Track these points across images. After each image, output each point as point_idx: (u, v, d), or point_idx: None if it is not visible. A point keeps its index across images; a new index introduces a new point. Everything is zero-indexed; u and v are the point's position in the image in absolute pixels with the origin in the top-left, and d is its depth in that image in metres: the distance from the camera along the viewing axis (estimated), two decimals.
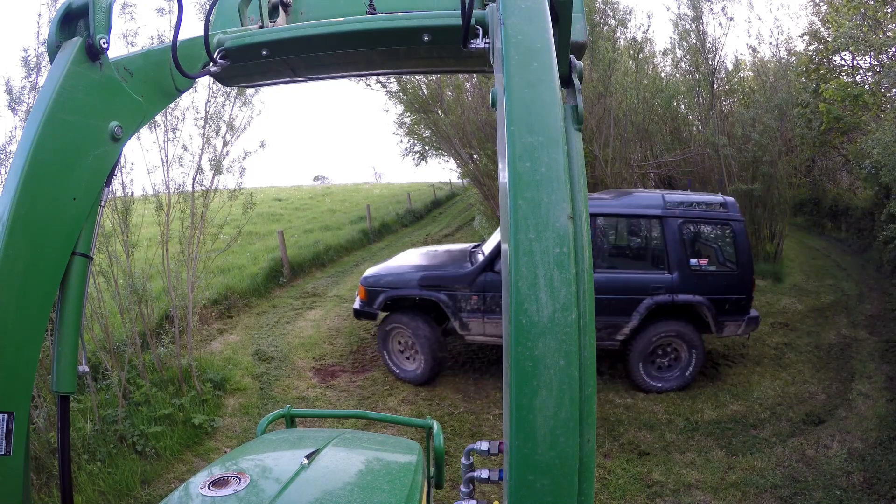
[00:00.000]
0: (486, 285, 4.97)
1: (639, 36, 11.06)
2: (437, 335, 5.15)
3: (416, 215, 17.98)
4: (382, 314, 5.37)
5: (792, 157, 10.79)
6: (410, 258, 5.97)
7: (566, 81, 1.07)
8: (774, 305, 7.62)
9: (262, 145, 5.21)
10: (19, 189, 1.12)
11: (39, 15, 3.68)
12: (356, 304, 5.49)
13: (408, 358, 5.35)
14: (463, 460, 1.52)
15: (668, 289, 4.84)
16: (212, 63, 1.51)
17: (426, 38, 1.49)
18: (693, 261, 4.88)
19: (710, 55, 10.11)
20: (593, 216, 5.03)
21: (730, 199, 5.15)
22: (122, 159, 1.51)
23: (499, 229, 5.08)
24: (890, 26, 8.32)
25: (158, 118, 4.35)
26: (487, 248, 5.42)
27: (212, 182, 4.78)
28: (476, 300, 5.00)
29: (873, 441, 4.03)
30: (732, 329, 4.95)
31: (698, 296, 4.82)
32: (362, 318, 5.59)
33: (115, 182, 4.23)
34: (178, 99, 3.26)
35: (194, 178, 4.67)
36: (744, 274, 4.91)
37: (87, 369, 1.44)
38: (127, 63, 1.33)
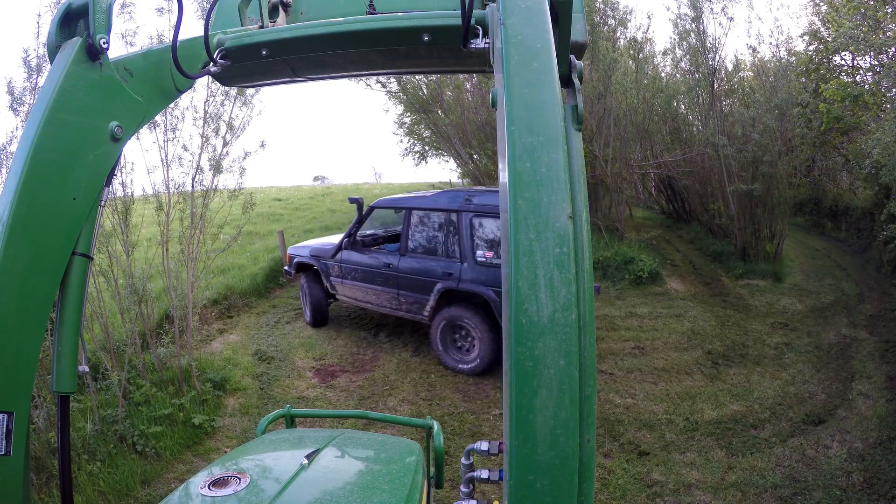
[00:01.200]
0: (342, 259, 6.33)
1: (639, 36, 11.07)
2: (318, 293, 6.79)
3: None
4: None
5: (792, 157, 10.79)
6: (325, 238, 7.36)
7: (566, 81, 1.07)
8: (774, 305, 7.63)
9: (262, 145, 5.21)
10: (19, 189, 1.12)
11: (39, 15, 3.68)
12: (285, 266, 7.33)
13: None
14: (463, 460, 1.52)
15: (457, 277, 5.28)
16: (212, 63, 1.51)
17: (426, 38, 1.49)
18: (479, 252, 5.18)
19: (710, 55, 10.11)
20: (409, 210, 5.78)
21: None
22: (122, 159, 1.51)
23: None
24: (890, 26, 8.31)
25: (158, 118, 4.35)
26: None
27: (212, 182, 4.78)
28: (337, 269, 6.42)
29: (873, 441, 4.03)
30: None
31: (482, 286, 5.13)
32: (287, 276, 7.51)
33: (115, 182, 4.23)
34: (178, 99, 3.26)
35: (194, 178, 4.67)
36: None
37: (87, 369, 1.44)
38: (127, 63, 1.33)
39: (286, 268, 7.20)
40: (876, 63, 9.45)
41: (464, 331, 5.43)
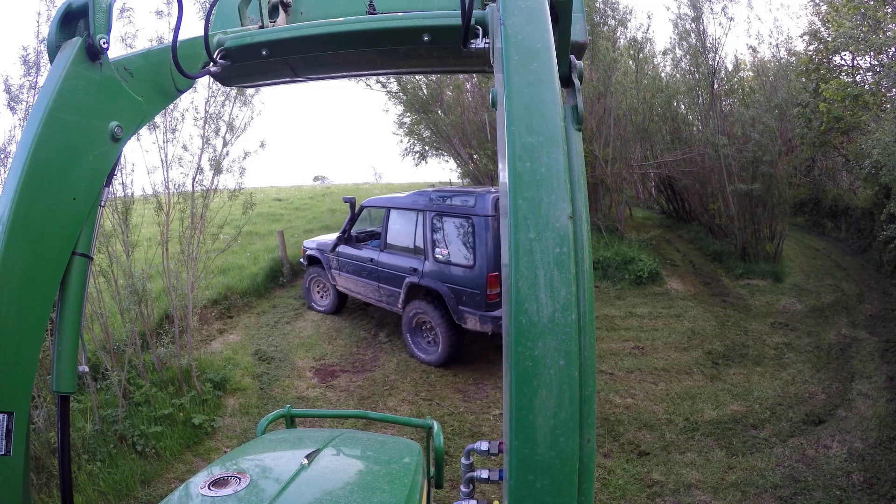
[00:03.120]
0: (339, 253, 6.82)
1: (639, 36, 11.08)
2: (332, 282, 7.33)
3: None
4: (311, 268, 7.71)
5: (792, 157, 10.79)
6: (333, 235, 7.57)
7: (566, 81, 1.07)
8: (774, 305, 7.63)
9: (262, 145, 5.20)
10: (19, 189, 1.12)
11: (39, 14, 3.68)
12: (300, 259, 7.93)
13: (320, 296, 7.66)
14: (463, 460, 1.52)
15: (420, 273, 5.55)
16: (212, 63, 1.51)
17: (426, 38, 1.49)
18: (438, 250, 5.41)
19: (710, 55, 10.11)
20: (388, 209, 6.16)
21: (487, 195, 5.12)
22: (122, 159, 1.51)
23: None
24: (890, 26, 8.31)
25: (158, 119, 4.35)
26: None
27: (212, 182, 4.78)
28: (335, 262, 6.93)
29: (873, 441, 4.03)
30: (474, 322, 5.10)
31: (440, 283, 5.37)
32: (302, 267, 7.86)
33: (115, 182, 4.23)
34: (178, 99, 3.25)
35: (194, 179, 4.67)
36: (479, 269, 5.03)
37: (87, 369, 1.44)
38: (127, 63, 1.33)
39: (301, 260, 7.87)
40: (876, 63, 9.45)
41: (428, 324, 5.64)
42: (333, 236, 7.44)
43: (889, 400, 4.67)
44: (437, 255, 5.43)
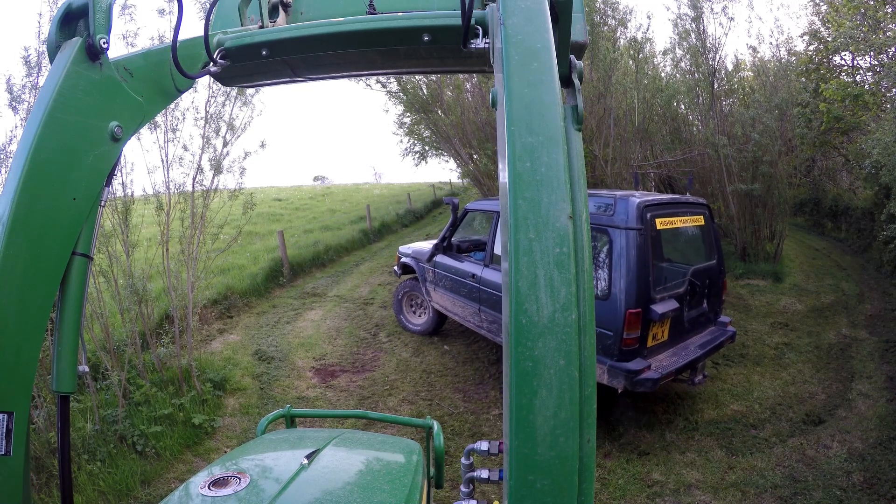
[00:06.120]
0: (437, 263, 5.85)
1: (639, 36, 11.06)
2: (427, 297, 6.39)
3: (416, 215, 18.00)
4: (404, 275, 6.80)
5: (792, 157, 10.78)
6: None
7: (566, 81, 1.07)
8: (774, 305, 7.62)
9: (263, 145, 5.20)
10: (19, 189, 1.12)
11: (40, 14, 3.69)
12: (394, 266, 6.97)
13: (414, 313, 6.78)
14: (463, 460, 1.52)
15: None
16: (212, 63, 1.51)
17: (426, 38, 1.49)
18: None
19: (711, 55, 10.11)
20: (497, 214, 5.15)
21: (630, 200, 3.87)
22: (122, 159, 1.51)
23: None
24: (890, 26, 8.32)
25: (159, 118, 4.35)
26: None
27: (212, 182, 4.78)
28: (432, 274, 5.95)
29: (873, 441, 4.03)
30: (600, 373, 3.84)
31: None
32: (396, 276, 6.89)
33: (116, 182, 4.23)
34: (179, 99, 3.26)
35: (194, 179, 4.67)
36: (615, 302, 3.73)
37: (87, 369, 1.43)
38: (127, 63, 1.33)
39: (395, 268, 6.84)
40: (876, 63, 9.45)
41: None
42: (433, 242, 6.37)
43: (889, 400, 4.67)
44: None
